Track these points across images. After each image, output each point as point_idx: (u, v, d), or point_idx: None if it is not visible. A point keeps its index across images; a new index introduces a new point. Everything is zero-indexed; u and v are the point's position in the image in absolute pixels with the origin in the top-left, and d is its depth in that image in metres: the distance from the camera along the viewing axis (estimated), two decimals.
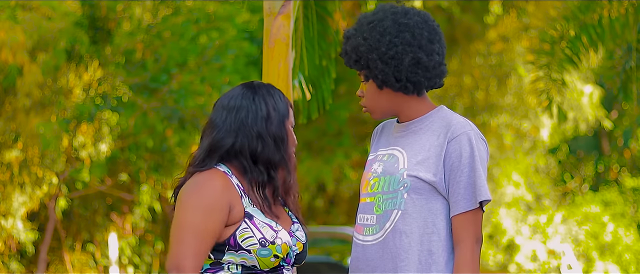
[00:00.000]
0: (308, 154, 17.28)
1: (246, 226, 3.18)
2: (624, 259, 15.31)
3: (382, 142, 3.47)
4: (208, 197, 3.16)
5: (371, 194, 3.36)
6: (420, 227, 3.28)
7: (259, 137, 3.26)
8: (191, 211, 3.15)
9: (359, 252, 3.36)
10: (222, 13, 11.89)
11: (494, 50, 17.05)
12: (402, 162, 3.32)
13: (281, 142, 3.28)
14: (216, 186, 3.19)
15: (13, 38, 9.88)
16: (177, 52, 11.19)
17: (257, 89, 3.33)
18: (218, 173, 3.22)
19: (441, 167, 3.29)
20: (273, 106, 3.30)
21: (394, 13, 3.33)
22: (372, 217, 3.34)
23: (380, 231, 3.31)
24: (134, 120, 11.30)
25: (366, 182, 3.38)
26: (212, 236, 3.14)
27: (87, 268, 13.22)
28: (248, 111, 3.27)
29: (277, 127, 3.28)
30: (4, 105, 10.80)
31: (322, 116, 11.08)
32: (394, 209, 3.29)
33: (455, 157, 3.28)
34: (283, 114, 3.31)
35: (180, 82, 11.18)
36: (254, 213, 3.21)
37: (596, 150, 20.52)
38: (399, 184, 3.29)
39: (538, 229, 15.48)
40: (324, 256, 12.81)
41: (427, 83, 3.34)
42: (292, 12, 4.69)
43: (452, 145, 3.29)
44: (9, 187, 11.19)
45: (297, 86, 5.65)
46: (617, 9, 7.94)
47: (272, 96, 3.32)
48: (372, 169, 3.39)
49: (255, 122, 3.26)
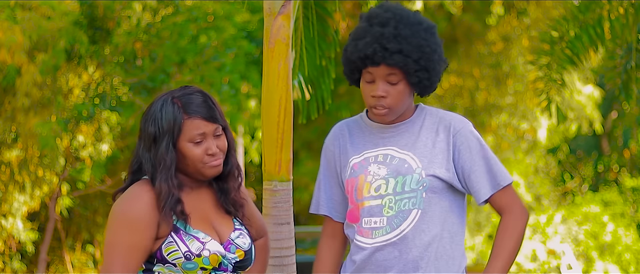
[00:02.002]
0: (308, 154, 17.28)
1: (172, 239, 3.18)
2: (623, 259, 15.31)
3: (363, 142, 3.44)
4: (136, 213, 3.16)
5: (378, 197, 3.34)
6: (439, 225, 3.32)
7: (149, 161, 3.21)
8: (120, 229, 3.15)
9: (366, 255, 3.35)
10: (221, 12, 11.89)
11: (495, 51, 17.05)
12: (413, 162, 3.33)
13: (159, 167, 3.17)
14: (145, 201, 3.18)
15: (12, 38, 9.88)
16: (176, 52, 11.18)
17: (154, 106, 3.23)
18: (146, 190, 3.21)
19: (451, 163, 3.33)
20: (159, 127, 3.19)
21: (420, 14, 3.37)
22: (382, 219, 3.33)
23: (394, 231, 3.32)
24: (133, 120, 11.30)
25: (367, 185, 3.35)
26: (141, 250, 3.15)
27: (87, 268, 13.22)
28: (142, 135, 3.23)
29: (160, 151, 3.18)
30: (3, 105, 10.80)
31: (322, 116, 11.07)
32: (412, 208, 3.31)
33: (465, 149, 3.34)
34: (168, 134, 3.19)
35: (179, 82, 11.17)
36: (180, 226, 3.20)
37: (596, 150, 20.53)
38: (418, 184, 3.31)
39: (538, 229, 15.47)
40: None
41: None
42: (292, 12, 4.69)
43: (458, 139, 3.34)
44: (9, 187, 11.18)
45: (297, 86, 5.65)
46: (617, 9, 7.94)
47: (162, 113, 3.20)
48: (371, 172, 3.36)
49: (144, 146, 3.22)
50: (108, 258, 3.15)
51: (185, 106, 3.21)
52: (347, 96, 16.55)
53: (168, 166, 3.17)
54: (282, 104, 4.59)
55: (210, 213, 3.28)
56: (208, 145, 3.21)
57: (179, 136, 3.19)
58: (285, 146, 4.58)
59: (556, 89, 8.46)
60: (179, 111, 3.20)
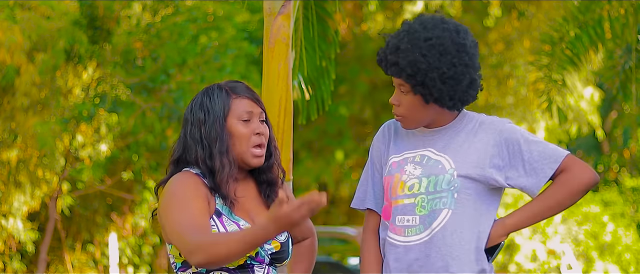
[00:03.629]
0: (308, 154, 17.28)
1: (213, 223, 3.18)
2: (623, 259, 15.30)
3: (404, 144, 3.48)
4: (192, 186, 3.19)
5: (411, 196, 3.38)
6: (470, 226, 3.35)
7: (199, 144, 3.25)
8: (179, 202, 3.16)
9: (400, 253, 3.38)
10: (222, 12, 11.88)
11: (495, 51, 17.05)
12: (447, 163, 3.37)
13: (215, 143, 3.23)
14: (195, 179, 3.22)
15: (11, 38, 9.87)
16: (176, 52, 11.18)
17: (199, 96, 3.33)
18: (190, 174, 3.25)
19: (491, 163, 3.36)
20: (207, 109, 3.27)
21: (448, 31, 3.35)
22: (415, 218, 3.37)
23: (426, 231, 3.35)
24: (133, 119, 11.29)
25: (402, 184, 3.39)
26: (204, 212, 3.16)
27: (87, 268, 13.21)
28: (188, 122, 3.29)
29: (211, 130, 3.25)
30: (2, 104, 10.80)
31: (322, 117, 11.06)
32: (443, 208, 3.34)
33: (512, 143, 3.37)
34: (217, 114, 3.26)
35: (179, 82, 11.17)
36: (223, 210, 3.22)
37: (596, 150, 20.52)
38: (449, 184, 3.34)
39: (538, 229, 15.46)
40: (324, 256, 12.81)
41: (472, 100, 3.43)
42: (292, 12, 4.69)
43: (504, 135, 3.38)
44: (10, 187, 11.18)
45: (297, 86, 5.65)
46: (617, 9, 7.94)
47: (209, 97, 3.29)
48: (407, 171, 3.40)
49: (193, 131, 3.27)
50: (179, 235, 3.10)
51: (232, 89, 3.31)
52: (347, 96, 16.56)
53: (223, 140, 3.23)
54: (282, 104, 4.59)
55: (251, 205, 3.30)
56: (255, 125, 3.28)
57: (228, 113, 3.26)
58: (285, 146, 4.58)
59: (557, 89, 8.46)
60: (227, 93, 3.29)
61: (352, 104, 16.51)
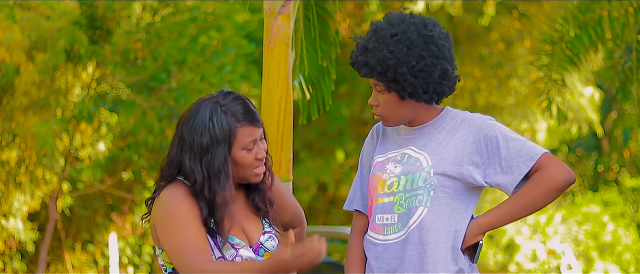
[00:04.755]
0: (308, 154, 17.28)
1: (210, 245, 3.20)
2: (623, 259, 15.30)
3: (389, 144, 3.50)
4: (187, 208, 3.16)
5: (390, 194, 3.38)
6: (445, 224, 3.33)
7: (200, 173, 3.17)
8: (178, 223, 3.14)
9: (379, 252, 3.40)
10: (222, 12, 11.88)
11: (495, 51, 17.05)
12: (425, 161, 3.36)
13: (218, 177, 3.16)
14: (189, 201, 3.18)
15: (11, 37, 9.87)
16: (176, 51, 11.18)
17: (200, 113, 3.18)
18: (184, 191, 3.20)
19: (468, 160, 3.34)
20: (211, 137, 3.16)
21: (415, 24, 3.34)
22: (393, 216, 3.37)
23: (403, 229, 3.35)
24: (133, 119, 11.29)
25: (382, 183, 3.40)
26: (203, 234, 3.16)
27: (87, 268, 13.21)
28: (186, 144, 3.18)
29: (215, 161, 3.16)
30: (2, 104, 10.79)
31: (323, 117, 11.07)
32: (419, 206, 3.34)
33: (491, 140, 3.35)
34: (221, 144, 3.16)
35: (180, 81, 11.17)
36: (215, 227, 3.21)
37: (596, 150, 20.51)
38: (425, 182, 3.33)
39: (538, 229, 15.47)
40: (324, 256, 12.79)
41: (449, 92, 3.41)
42: (292, 12, 4.69)
43: (484, 132, 3.36)
44: (10, 187, 11.18)
45: (297, 87, 5.65)
46: (617, 9, 7.94)
47: (212, 122, 3.16)
48: (387, 170, 3.41)
49: (192, 156, 3.17)
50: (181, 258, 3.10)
51: (235, 114, 3.19)
52: (348, 97, 16.56)
53: (228, 175, 3.16)
54: (282, 104, 4.59)
55: (240, 214, 3.29)
56: (257, 150, 3.24)
57: (233, 144, 3.18)
58: (285, 146, 4.58)
59: (557, 89, 8.46)
60: (232, 119, 3.18)
61: (352, 104, 16.51)
